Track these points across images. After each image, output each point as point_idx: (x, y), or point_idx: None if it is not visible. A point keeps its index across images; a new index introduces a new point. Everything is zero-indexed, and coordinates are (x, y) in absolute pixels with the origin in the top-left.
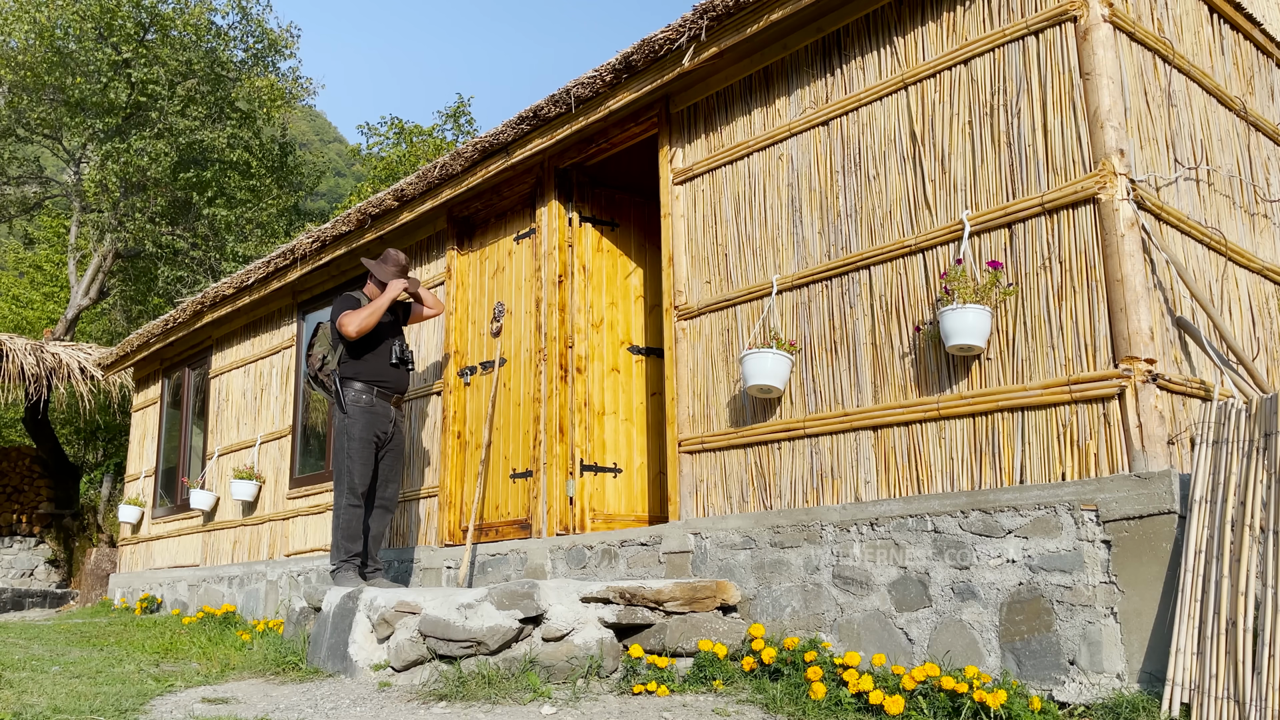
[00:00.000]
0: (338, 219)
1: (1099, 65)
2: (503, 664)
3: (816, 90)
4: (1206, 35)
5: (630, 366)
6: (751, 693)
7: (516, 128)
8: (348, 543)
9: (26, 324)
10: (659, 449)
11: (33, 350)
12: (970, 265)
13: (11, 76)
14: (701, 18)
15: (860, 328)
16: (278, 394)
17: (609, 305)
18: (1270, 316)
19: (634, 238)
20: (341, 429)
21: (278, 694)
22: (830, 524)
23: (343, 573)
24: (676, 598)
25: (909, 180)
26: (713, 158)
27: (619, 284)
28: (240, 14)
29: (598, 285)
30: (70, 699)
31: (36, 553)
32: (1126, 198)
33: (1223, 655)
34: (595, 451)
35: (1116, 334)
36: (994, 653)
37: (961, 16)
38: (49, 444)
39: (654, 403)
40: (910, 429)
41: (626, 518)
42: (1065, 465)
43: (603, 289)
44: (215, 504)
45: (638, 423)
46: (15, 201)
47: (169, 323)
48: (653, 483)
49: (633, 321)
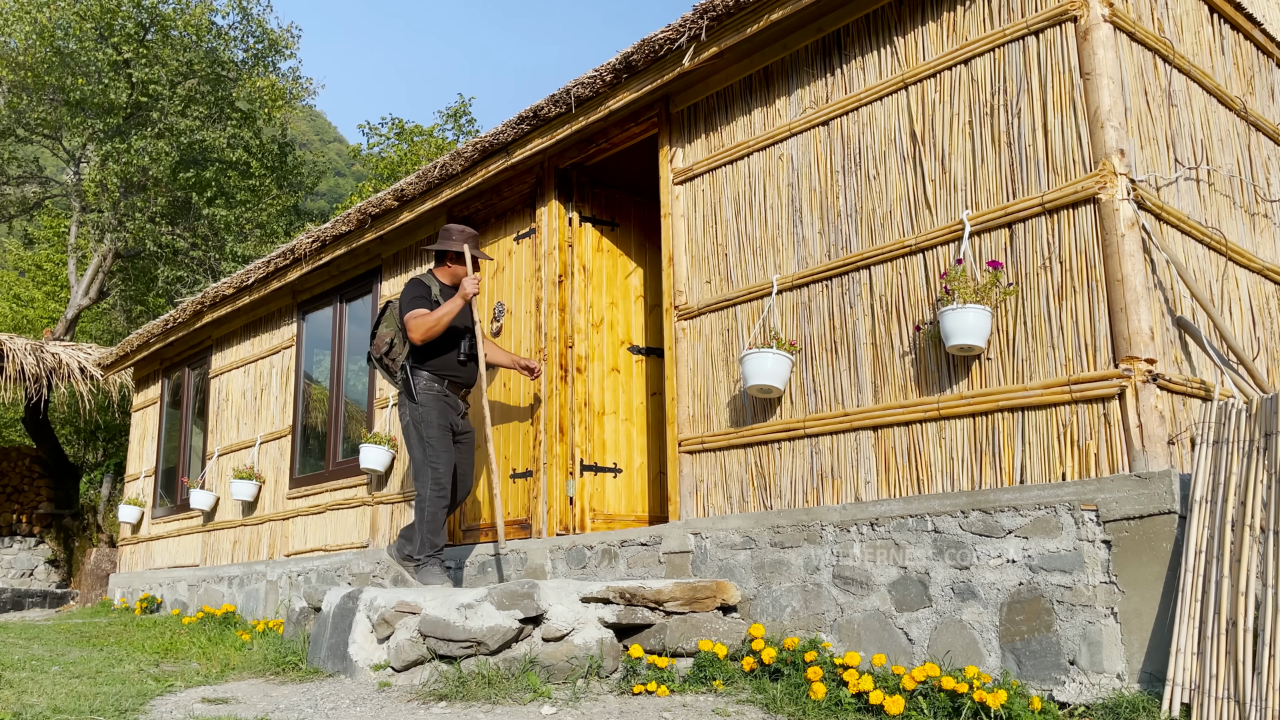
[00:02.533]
0: (338, 219)
1: (1099, 65)
2: (503, 664)
3: (816, 90)
4: (1207, 35)
5: (630, 366)
6: (751, 693)
7: (516, 128)
8: (433, 536)
9: (27, 323)
10: (659, 449)
11: (33, 350)
12: (970, 265)
13: (11, 76)
14: (701, 18)
15: (860, 328)
16: (278, 394)
17: (609, 305)
18: (1270, 316)
19: (634, 238)
20: (416, 419)
21: (278, 694)
22: (830, 524)
23: (428, 567)
24: (676, 598)
25: (909, 180)
26: (713, 157)
27: (619, 284)
28: (240, 14)
29: (598, 285)
30: (70, 699)
31: (36, 553)
32: (1127, 198)
33: (1223, 655)
34: (595, 451)
35: (1117, 334)
36: (994, 653)
37: (961, 16)
38: (49, 444)
39: (654, 403)
40: (910, 429)
41: (626, 518)
42: (1065, 465)
43: (603, 289)
44: (215, 504)
45: (638, 423)
46: (15, 201)
47: (169, 323)
48: (653, 483)
49: (633, 321)
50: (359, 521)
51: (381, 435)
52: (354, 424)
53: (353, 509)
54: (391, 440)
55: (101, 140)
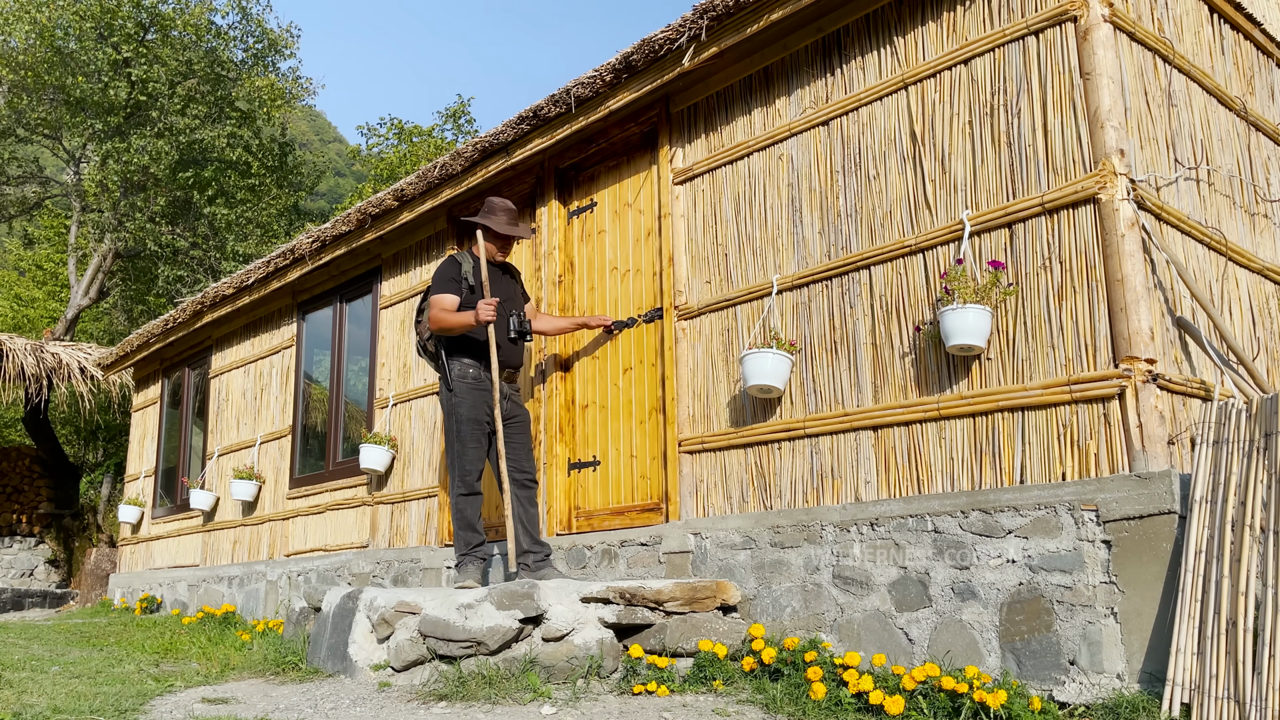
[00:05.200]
0: (338, 219)
1: (1099, 65)
2: (503, 664)
3: (816, 90)
4: (1207, 35)
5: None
6: (751, 693)
7: (516, 128)
8: (465, 533)
9: (27, 323)
10: (659, 449)
11: (33, 350)
12: (970, 265)
13: (12, 76)
14: (701, 18)
15: (860, 328)
16: (278, 394)
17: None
18: (1270, 316)
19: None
20: (448, 409)
21: (277, 694)
22: (830, 524)
23: (463, 566)
24: (676, 598)
25: (909, 180)
26: (713, 157)
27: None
28: (240, 14)
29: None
30: (70, 699)
31: (36, 553)
32: (1127, 198)
33: (1223, 655)
34: (595, 451)
35: (1117, 334)
36: (994, 653)
37: (961, 16)
38: (49, 444)
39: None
40: (910, 429)
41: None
42: (1065, 465)
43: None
44: (215, 504)
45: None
46: (15, 201)
47: (169, 323)
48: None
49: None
50: (359, 521)
51: (381, 435)
52: (354, 424)
53: (353, 509)
54: (391, 440)
55: (101, 140)
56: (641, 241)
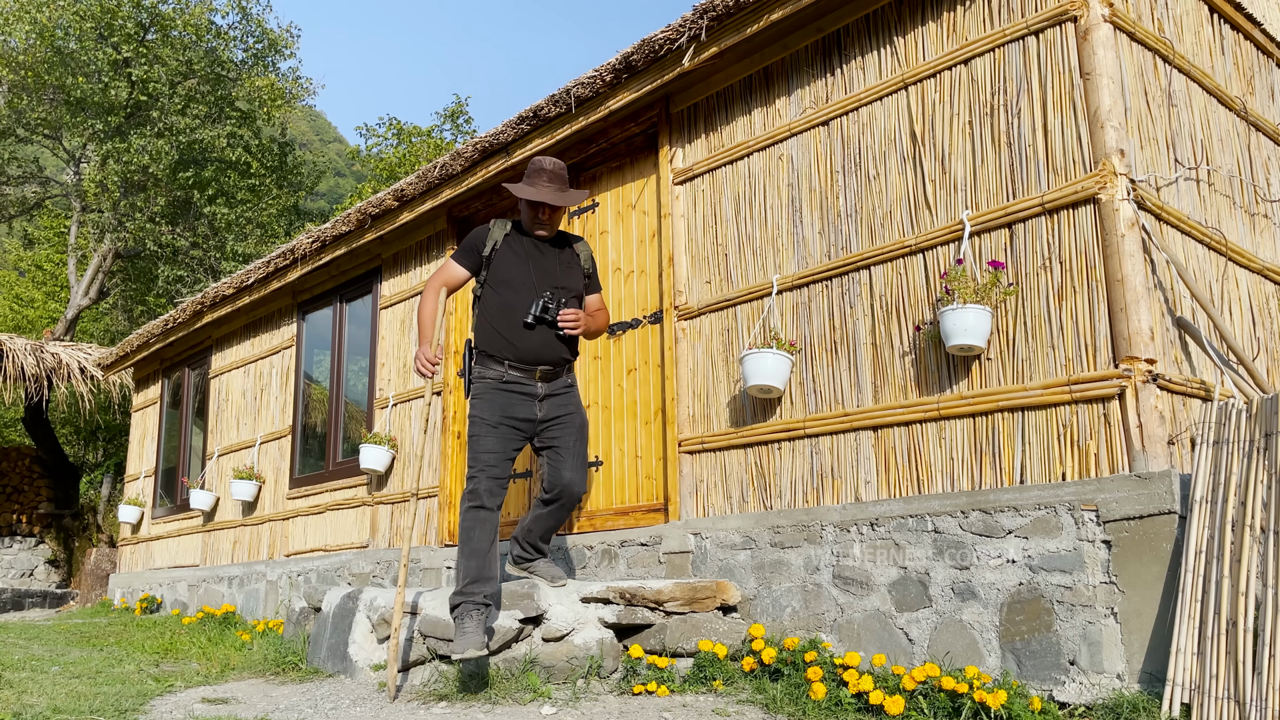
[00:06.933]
0: (338, 219)
1: (1099, 65)
2: (503, 664)
3: (816, 90)
4: (1207, 35)
5: (608, 350)
6: (751, 693)
7: (516, 128)
8: (466, 560)
9: (28, 323)
10: (660, 449)
11: (33, 350)
12: (970, 265)
13: (11, 76)
14: (701, 18)
15: (860, 328)
16: (278, 394)
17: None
18: (1270, 316)
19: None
20: (469, 412)
21: (277, 694)
22: (830, 524)
23: (460, 620)
24: (676, 598)
25: (909, 180)
26: (713, 157)
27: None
28: (240, 14)
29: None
30: (70, 699)
31: (36, 553)
32: (1127, 198)
33: (1223, 655)
34: (599, 451)
35: (1117, 334)
36: (994, 653)
37: (961, 16)
38: (49, 444)
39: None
40: (910, 429)
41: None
42: (1065, 465)
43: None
44: (215, 504)
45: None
46: (15, 201)
47: (169, 323)
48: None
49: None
50: (359, 521)
51: (381, 435)
52: (354, 424)
53: (353, 509)
54: (391, 440)
55: (101, 140)
56: (645, 243)
